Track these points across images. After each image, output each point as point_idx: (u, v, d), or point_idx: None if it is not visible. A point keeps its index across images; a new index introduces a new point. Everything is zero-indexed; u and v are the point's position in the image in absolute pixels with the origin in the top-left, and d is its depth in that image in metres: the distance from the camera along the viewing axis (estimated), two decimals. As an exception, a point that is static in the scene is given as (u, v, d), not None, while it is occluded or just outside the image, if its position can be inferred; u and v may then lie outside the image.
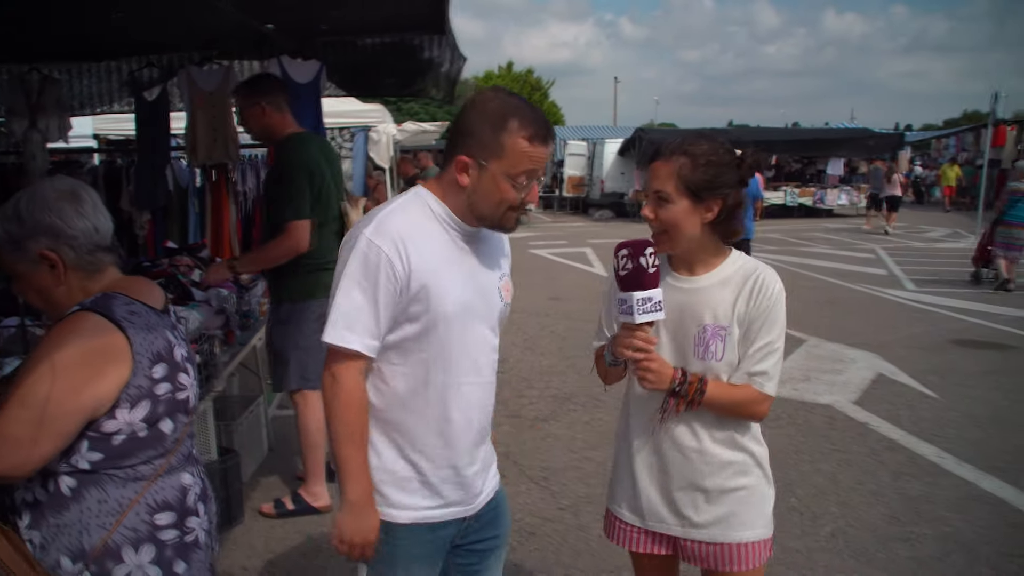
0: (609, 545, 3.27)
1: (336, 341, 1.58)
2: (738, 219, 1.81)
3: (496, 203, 1.64)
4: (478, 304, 1.71)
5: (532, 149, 1.59)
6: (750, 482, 1.83)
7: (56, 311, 1.57)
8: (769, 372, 1.76)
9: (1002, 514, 3.62)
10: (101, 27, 4.40)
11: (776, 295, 1.77)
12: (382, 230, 1.59)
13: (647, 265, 1.68)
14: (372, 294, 1.57)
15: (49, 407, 1.41)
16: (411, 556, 1.72)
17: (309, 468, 3.71)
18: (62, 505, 1.49)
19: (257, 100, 3.49)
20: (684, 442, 1.82)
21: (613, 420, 4.86)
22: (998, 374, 5.95)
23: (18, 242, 1.52)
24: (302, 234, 3.37)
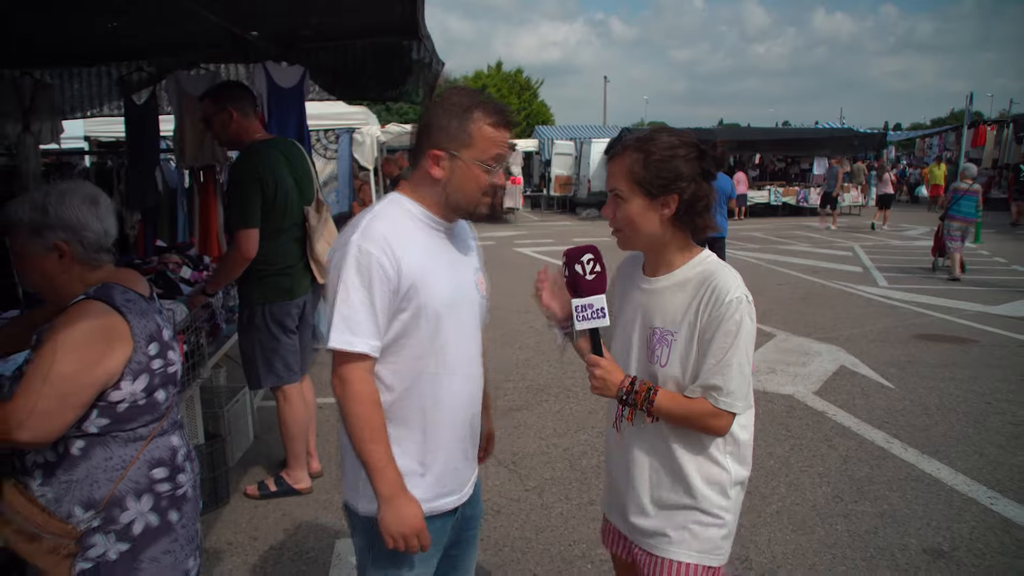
0: (568, 523, 3.56)
1: (341, 346, 1.64)
2: (701, 214, 1.71)
3: (472, 189, 1.73)
4: (462, 299, 1.79)
5: (496, 134, 1.71)
6: (699, 504, 1.75)
7: (54, 295, 1.82)
8: (724, 387, 1.65)
9: (936, 492, 3.88)
10: (92, 34, 4.60)
11: (729, 304, 1.64)
12: (369, 235, 1.66)
13: (583, 272, 1.72)
14: (369, 297, 1.64)
15: (70, 382, 1.65)
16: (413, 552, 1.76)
17: (290, 454, 3.93)
18: (73, 464, 1.74)
19: (224, 106, 3.59)
20: (649, 448, 1.79)
21: (582, 409, 5.15)
22: (954, 366, 6.23)
23: (39, 230, 1.75)
24: (248, 242, 3.45)
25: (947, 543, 3.37)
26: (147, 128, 5.86)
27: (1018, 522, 3.55)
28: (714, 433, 1.71)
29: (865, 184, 22.23)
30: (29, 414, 1.60)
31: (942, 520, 3.58)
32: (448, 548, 1.91)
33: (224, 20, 4.16)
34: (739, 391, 1.66)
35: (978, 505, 3.73)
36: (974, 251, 13.67)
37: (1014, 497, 3.80)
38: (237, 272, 3.55)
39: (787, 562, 3.23)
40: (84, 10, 3.97)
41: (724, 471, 1.76)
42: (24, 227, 1.76)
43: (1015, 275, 10.97)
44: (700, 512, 1.76)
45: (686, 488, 1.75)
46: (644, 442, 1.79)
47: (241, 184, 3.52)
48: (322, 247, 3.77)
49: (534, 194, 26.53)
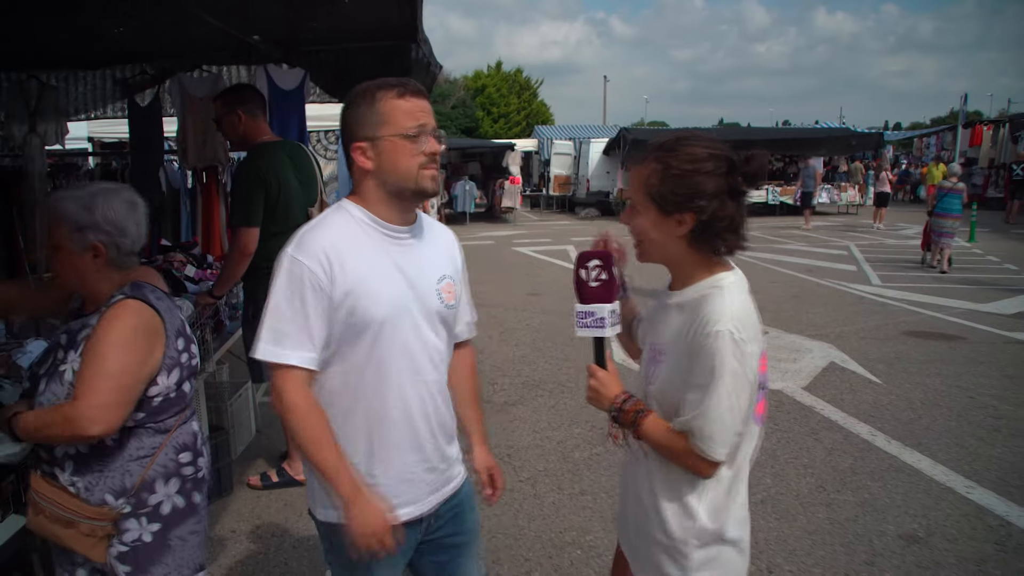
0: (560, 511, 3.70)
1: (267, 357, 1.61)
2: (722, 234, 1.56)
3: (404, 165, 1.65)
4: (412, 306, 1.70)
5: (406, 102, 1.64)
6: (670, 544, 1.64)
7: (82, 290, 1.93)
8: (700, 431, 1.50)
9: (916, 482, 4.01)
10: (98, 38, 4.73)
11: (707, 336, 1.48)
12: (303, 245, 1.64)
13: (587, 278, 1.64)
14: (300, 308, 1.60)
15: (126, 377, 1.78)
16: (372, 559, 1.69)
17: (291, 446, 4.06)
18: (105, 454, 1.85)
19: (234, 108, 3.75)
20: (642, 473, 1.71)
21: (576, 404, 5.30)
22: (941, 362, 6.36)
23: (82, 228, 1.83)
24: (247, 239, 3.58)
25: (923, 529, 3.50)
26: (151, 129, 5.99)
27: (991, 509, 3.68)
28: (696, 474, 1.58)
29: (863, 184, 22.34)
30: (99, 410, 1.72)
31: (919, 508, 3.71)
32: (435, 554, 1.89)
33: (226, 25, 4.28)
34: (717, 437, 1.49)
35: (955, 494, 3.86)
36: (968, 250, 13.82)
37: (990, 486, 3.94)
38: (241, 270, 3.66)
39: (768, 548, 3.36)
40: (91, 16, 4.09)
41: (692, 520, 1.61)
42: (69, 222, 1.83)
43: (1007, 273, 11.10)
44: (669, 552, 1.65)
45: (660, 523, 1.65)
46: (639, 467, 1.72)
47: (245, 184, 3.65)
48: (324, 246, 3.90)
49: (533, 194, 26.67)
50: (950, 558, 3.25)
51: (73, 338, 1.86)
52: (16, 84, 5.68)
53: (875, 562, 3.23)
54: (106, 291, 1.89)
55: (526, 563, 3.25)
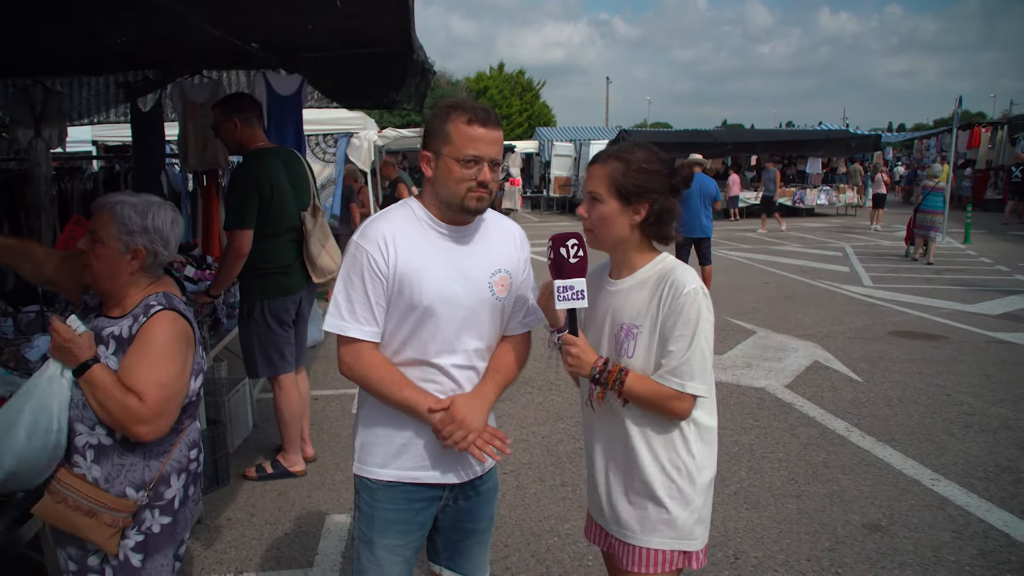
0: (540, 502, 3.87)
1: (333, 329, 1.87)
2: (667, 224, 1.88)
3: (453, 184, 1.84)
4: (462, 296, 1.89)
5: (471, 129, 1.82)
6: (667, 491, 1.85)
7: (111, 288, 2.02)
8: (685, 369, 1.77)
9: (885, 475, 4.17)
10: (100, 45, 4.90)
11: (689, 294, 1.78)
12: (366, 233, 1.88)
13: (567, 255, 1.83)
14: (362, 288, 1.85)
15: (176, 385, 1.96)
16: (387, 519, 1.97)
17: (285, 439, 4.24)
18: (128, 450, 1.98)
19: (230, 116, 3.94)
20: (618, 439, 1.90)
21: (563, 401, 5.46)
22: (923, 361, 6.51)
23: (132, 231, 1.97)
24: (241, 241, 3.76)
25: (885, 519, 3.66)
26: (153, 133, 6.15)
27: (953, 500, 3.84)
28: (678, 415, 1.82)
29: (862, 185, 22.45)
30: (154, 416, 1.90)
31: (885, 499, 3.87)
32: (449, 533, 2.09)
33: (226, 33, 4.45)
34: (700, 375, 1.78)
35: (920, 486, 4.02)
36: (962, 251, 13.96)
37: (954, 479, 4.09)
38: (236, 270, 3.84)
39: (737, 536, 3.52)
40: (94, 24, 4.26)
41: (690, 457, 1.86)
42: (120, 223, 1.96)
43: (998, 275, 11.23)
44: (669, 499, 1.85)
45: (653, 476, 1.85)
46: (614, 433, 1.91)
47: (241, 188, 3.84)
48: (317, 249, 4.08)
49: (534, 195, 26.84)
50: (908, 545, 3.41)
51: (99, 333, 1.97)
52: (22, 90, 5.85)
53: (836, 548, 3.39)
54: (133, 295, 2.02)
55: (505, 548, 3.41)
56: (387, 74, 5.43)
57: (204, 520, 3.68)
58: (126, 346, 1.96)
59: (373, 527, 1.99)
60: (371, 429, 2.00)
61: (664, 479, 1.85)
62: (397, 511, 1.99)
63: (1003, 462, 4.34)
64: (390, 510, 1.98)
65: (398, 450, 1.96)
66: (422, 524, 2.04)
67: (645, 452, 1.86)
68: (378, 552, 2.00)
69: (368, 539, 2.00)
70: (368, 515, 2.00)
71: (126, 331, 1.97)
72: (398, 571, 2.03)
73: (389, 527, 1.99)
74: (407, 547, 2.03)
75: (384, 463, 1.97)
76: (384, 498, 1.98)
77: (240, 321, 4.09)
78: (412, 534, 2.03)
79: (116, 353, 1.96)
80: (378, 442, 1.98)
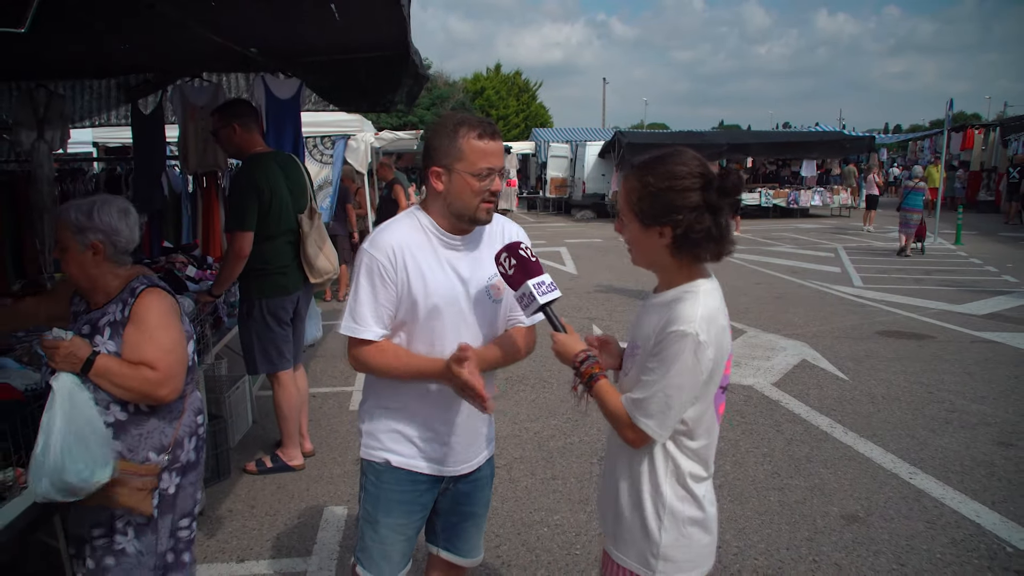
0: (531, 494, 4.00)
1: (347, 332, 2.02)
2: (700, 244, 1.70)
3: (468, 197, 1.97)
4: (462, 300, 2.04)
5: (483, 144, 1.96)
6: (632, 516, 1.84)
7: (90, 285, 2.28)
8: (642, 406, 1.70)
9: (865, 469, 4.31)
10: (103, 51, 5.02)
11: (673, 335, 1.66)
12: (376, 243, 2.02)
13: (528, 255, 1.91)
14: (371, 293, 1.99)
15: (181, 348, 2.22)
16: (392, 499, 2.13)
17: (284, 434, 4.36)
18: (142, 420, 2.22)
19: (229, 121, 4.09)
20: (611, 449, 1.94)
21: (555, 399, 5.61)
22: (908, 360, 6.66)
23: (83, 229, 2.20)
24: (242, 242, 3.91)
25: (863, 510, 3.80)
26: (153, 136, 6.26)
27: (929, 493, 3.98)
28: (628, 443, 1.78)
29: (856, 186, 22.62)
30: (170, 378, 2.15)
31: (864, 492, 4.01)
32: (447, 515, 2.26)
33: (226, 40, 4.58)
34: (656, 416, 1.69)
35: (898, 479, 4.16)
36: (952, 252, 14.13)
37: (932, 472, 4.24)
38: (237, 270, 3.97)
39: (719, 526, 3.64)
40: (99, 32, 4.37)
41: (657, 491, 1.79)
42: (72, 226, 2.21)
43: (987, 275, 11.39)
44: (630, 517, 1.84)
45: (623, 489, 1.85)
46: (612, 448, 1.94)
47: (240, 191, 3.97)
48: (313, 250, 4.21)
49: (530, 196, 26.98)
50: (884, 535, 3.55)
51: (95, 325, 2.20)
52: (26, 93, 5.96)
53: (815, 538, 3.53)
54: (112, 284, 2.26)
55: (496, 538, 3.54)
56: (384, 77, 5.55)
57: (206, 512, 3.81)
58: (121, 328, 2.18)
59: (378, 507, 2.14)
60: (376, 419, 2.15)
61: (631, 496, 1.84)
62: (402, 492, 2.14)
63: (979, 456, 4.48)
64: (395, 491, 2.13)
65: (403, 440, 2.12)
66: (424, 505, 2.20)
67: (624, 463, 1.86)
68: (382, 531, 2.15)
69: (373, 518, 2.15)
70: (374, 496, 2.15)
71: (118, 315, 2.20)
72: (400, 549, 2.18)
73: (394, 507, 2.14)
74: (410, 526, 2.19)
75: (390, 449, 2.13)
76: (390, 480, 2.13)
77: (240, 320, 4.22)
78: (415, 514, 2.18)
79: (113, 337, 2.18)
80: (384, 430, 2.13)
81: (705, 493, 1.86)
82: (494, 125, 2.03)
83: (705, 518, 1.85)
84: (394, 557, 2.20)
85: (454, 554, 2.33)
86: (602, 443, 4.74)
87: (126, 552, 2.24)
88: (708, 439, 1.83)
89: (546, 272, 1.96)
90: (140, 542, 2.25)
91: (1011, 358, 6.71)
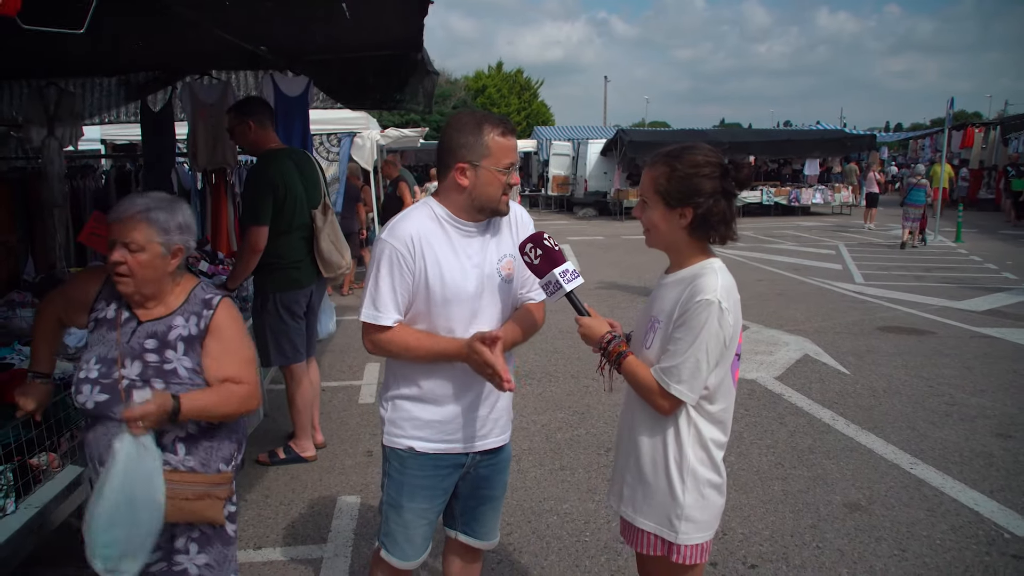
0: (540, 484, 4.08)
1: (367, 319, 2.09)
2: (716, 227, 1.91)
3: (494, 191, 2.06)
4: (477, 284, 2.12)
5: (506, 141, 2.06)
6: (655, 479, 1.96)
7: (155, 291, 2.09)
8: (674, 371, 1.85)
9: (867, 460, 4.39)
10: (113, 48, 5.08)
11: (701, 303, 1.82)
12: (394, 232, 2.08)
13: (552, 245, 2.03)
14: (390, 281, 2.06)
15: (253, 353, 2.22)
16: (415, 485, 2.19)
17: (297, 426, 4.44)
18: (212, 432, 2.13)
19: (245, 119, 4.17)
20: (631, 419, 2.05)
21: (561, 392, 5.69)
22: (909, 355, 6.74)
23: (168, 231, 2.05)
24: (257, 237, 3.97)
25: (865, 499, 3.88)
26: (163, 133, 6.34)
27: (928, 482, 4.07)
28: (660, 411, 1.92)
29: (857, 184, 22.68)
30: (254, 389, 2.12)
31: (866, 481, 4.09)
32: (466, 499, 2.32)
33: (237, 38, 4.64)
34: (688, 381, 1.85)
35: (899, 469, 4.24)
36: (953, 249, 14.21)
37: (932, 463, 4.32)
38: (252, 264, 4.05)
39: (725, 515, 3.66)
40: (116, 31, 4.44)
41: (682, 453, 1.93)
42: (159, 226, 2.04)
43: (987, 272, 11.46)
44: (657, 489, 1.96)
45: (651, 461, 1.97)
46: (633, 416, 2.04)
47: (256, 187, 4.05)
48: (327, 245, 4.28)
49: (532, 194, 27.05)
50: (885, 522, 3.63)
51: (163, 339, 2.07)
52: (36, 90, 6.03)
53: (818, 526, 3.61)
54: (169, 292, 2.12)
55: (507, 526, 3.62)
56: (392, 76, 5.60)
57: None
58: (197, 342, 2.07)
59: (402, 492, 2.21)
60: (398, 407, 2.21)
61: (655, 461, 1.96)
62: (425, 477, 2.21)
63: (978, 447, 4.56)
64: (419, 476, 2.20)
65: (424, 424, 2.18)
66: (446, 489, 2.27)
67: (646, 431, 1.98)
68: (406, 515, 2.23)
69: (397, 504, 2.23)
70: (398, 482, 2.22)
71: (194, 329, 2.08)
72: (423, 532, 2.27)
73: (417, 492, 2.21)
74: (432, 510, 2.27)
75: (412, 435, 2.18)
76: (414, 465, 2.20)
77: (254, 313, 4.30)
78: (437, 498, 2.26)
79: (188, 353, 2.06)
80: (406, 417, 2.19)
81: (721, 459, 2.01)
82: (511, 122, 2.15)
83: (721, 483, 2.02)
84: (416, 540, 2.27)
85: (472, 537, 2.40)
86: (608, 436, 4.83)
87: (188, 573, 2.15)
88: (726, 402, 1.98)
89: (569, 260, 2.06)
90: (206, 554, 2.17)
91: (1010, 353, 6.79)
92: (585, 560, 3.34)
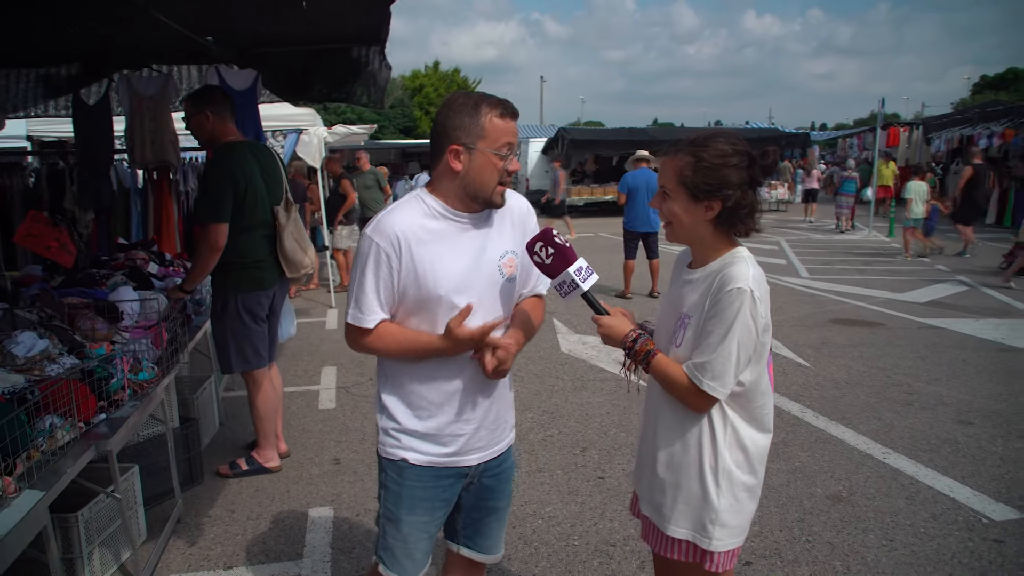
0: (519, 487, 3.94)
1: (355, 322, 1.95)
2: (744, 219, 1.82)
3: (488, 176, 1.89)
4: (475, 282, 1.96)
5: (504, 123, 1.89)
6: (688, 483, 1.86)
7: None
8: (707, 367, 1.75)
9: (840, 451, 4.43)
10: (45, 36, 4.71)
11: (731, 293, 1.73)
12: (379, 228, 1.91)
13: (563, 242, 1.89)
14: (373, 280, 1.91)
15: None
16: (415, 497, 2.03)
17: (260, 435, 4.20)
18: None
19: (202, 109, 3.89)
20: (657, 420, 1.94)
21: (528, 392, 5.59)
22: (863, 346, 6.89)
23: None
24: (217, 235, 3.72)
25: (845, 490, 3.90)
26: (99, 128, 5.92)
27: (903, 471, 4.12)
28: (694, 410, 1.83)
29: (791, 182, 23.33)
30: None
31: (843, 472, 4.12)
32: (470, 511, 2.16)
33: (184, 28, 4.36)
34: (722, 377, 1.74)
35: (873, 459, 4.29)
36: (887, 244, 14.72)
37: (903, 452, 4.39)
38: (211, 264, 3.79)
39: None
40: (43, 15, 4.10)
41: (716, 455, 1.83)
42: None
43: (921, 265, 11.89)
44: (688, 493, 1.86)
45: (678, 465, 1.87)
46: (659, 412, 1.94)
47: (215, 181, 3.78)
48: (290, 244, 4.05)
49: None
50: (868, 512, 3.65)
51: None
52: (-56, 81, 5.57)
53: (805, 519, 3.60)
54: None
55: (493, 533, 3.49)
56: (339, 68, 5.38)
57: (184, 519, 3.63)
58: None
59: (401, 505, 2.05)
60: (395, 415, 2.04)
61: (688, 464, 1.85)
62: (425, 489, 2.04)
63: (943, 435, 4.66)
64: (418, 488, 2.04)
65: (424, 436, 2.02)
66: (448, 501, 2.10)
67: (677, 432, 1.87)
68: (404, 529, 2.06)
69: (395, 517, 2.06)
70: (396, 494, 2.05)
71: None
72: (423, 547, 2.09)
73: (417, 504, 2.05)
74: (433, 523, 2.10)
75: (409, 447, 2.02)
76: (413, 476, 2.03)
77: (213, 316, 4.04)
78: (438, 511, 2.10)
79: None
80: (404, 426, 2.02)
81: (761, 458, 1.91)
82: (512, 104, 1.94)
83: (756, 484, 1.91)
84: (417, 555, 2.11)
85: (476, 551, 2.24)
86: (581, 434, 4.74)
87: None
88: (764, 399, 1.88)
89: (580, 256, 1.92)
90: None
91: (956, 342, 7.02)
92: (577, 565, 3.24)
